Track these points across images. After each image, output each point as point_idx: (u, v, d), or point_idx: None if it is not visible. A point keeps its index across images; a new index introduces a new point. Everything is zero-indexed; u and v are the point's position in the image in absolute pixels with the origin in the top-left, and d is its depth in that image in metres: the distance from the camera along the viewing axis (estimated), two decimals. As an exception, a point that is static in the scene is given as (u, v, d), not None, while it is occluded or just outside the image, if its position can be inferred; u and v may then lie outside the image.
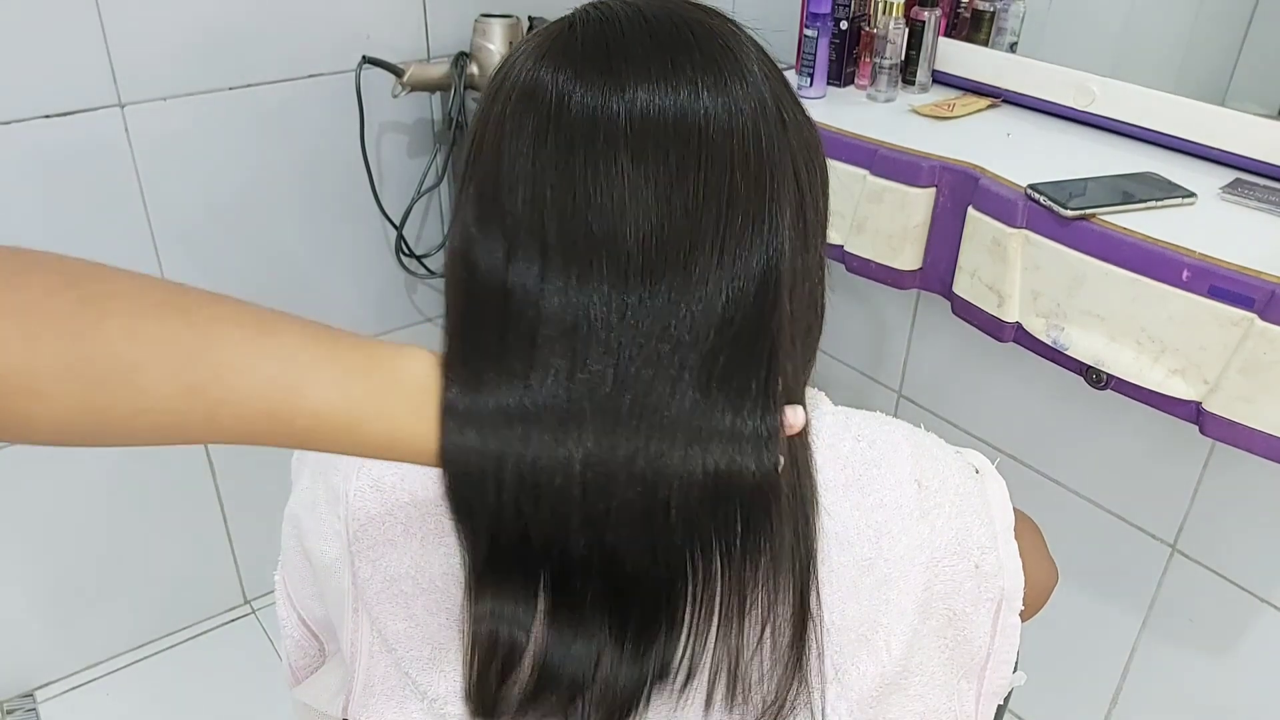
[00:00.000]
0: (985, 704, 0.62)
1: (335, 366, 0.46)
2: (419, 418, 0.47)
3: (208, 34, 1.42)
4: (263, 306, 0.47)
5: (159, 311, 0.43)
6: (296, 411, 0.45)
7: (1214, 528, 1.22)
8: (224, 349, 0.44)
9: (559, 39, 0.51)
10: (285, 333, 0.46)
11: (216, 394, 0.43)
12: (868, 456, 0.58)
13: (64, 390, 0.41)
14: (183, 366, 0.43)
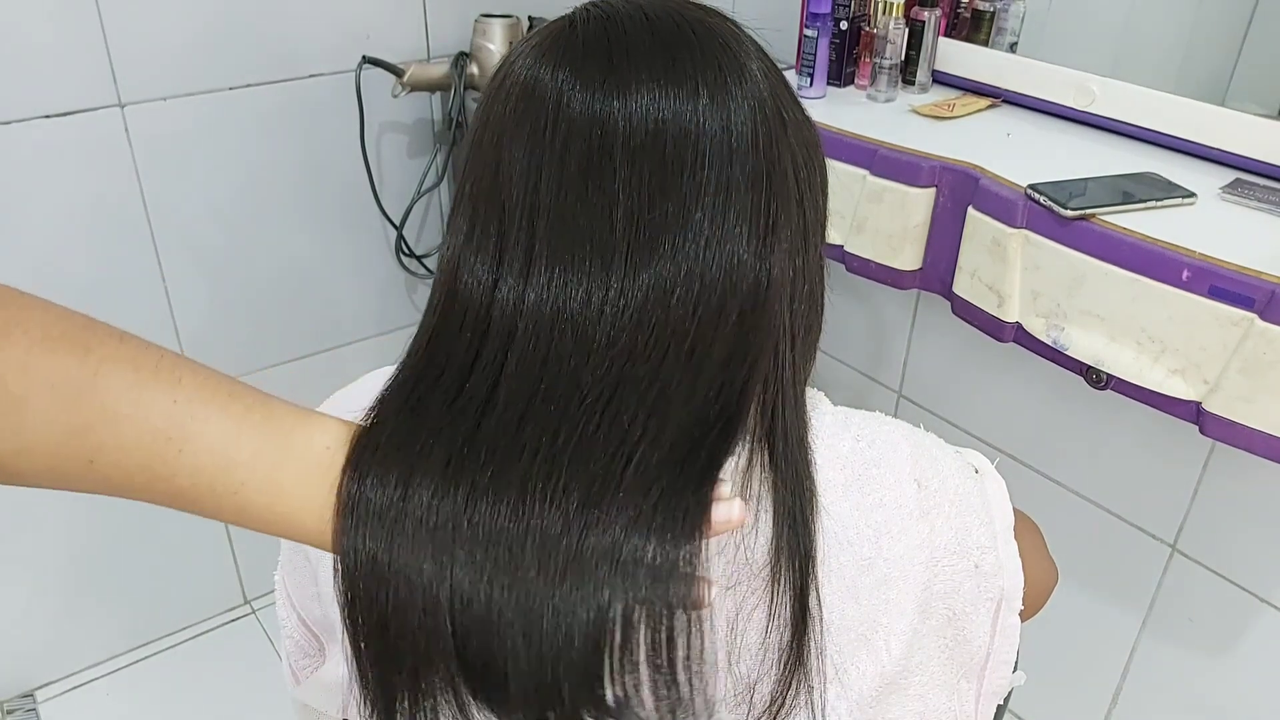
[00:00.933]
0: (985, 704, 0.62)
1: (224, 425, 0.43)
2: (308, 496, 0.44)
3: (208, 34, 1.42)
4: (172, 353, 0.44)
5: (54, 345, 0.41)
6: (176, 468, 0.42)
7: (1214, 528, 1.22)
8: (110, 392, 0.41)
9: (559, 37, 0.51)
10: (180, 383, 0.43)
11: (96, 439, 0.41)
12: (867, 456, 0.58)
13: None
14: (64, 406, 0.41)
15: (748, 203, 0.49)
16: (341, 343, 1.76)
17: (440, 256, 0.52)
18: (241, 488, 0.43)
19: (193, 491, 0.43)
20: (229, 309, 1.60)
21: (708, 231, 0.48)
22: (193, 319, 1.57)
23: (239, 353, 1.63)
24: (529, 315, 0.47)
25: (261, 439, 0.44)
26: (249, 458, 0.43)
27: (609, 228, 0.47)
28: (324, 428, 0.46)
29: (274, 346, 1.68)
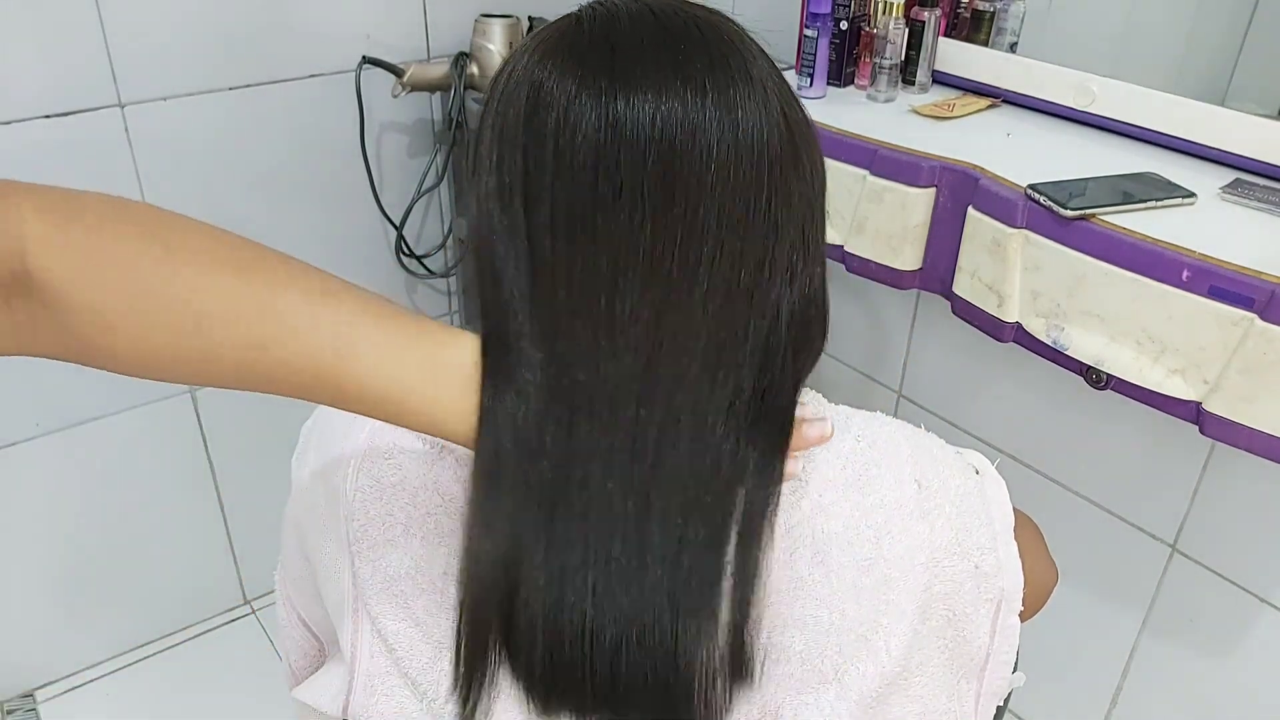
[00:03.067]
0: (985, 704, 0.62)
1: (386, 338, 0.49)
2: (460, 398, 0.50)
3: (208, 34, 1.42)
4: (325, 273, 0.50)
5: (225, 269, 0.46)
6: (346, 376, 0.48)
7: (1214, 528, 1.22)
8: (284, 310, 0.47)
9: (565, 35, 0.51)
10: (344, 300, 0.49)
11: (274, 352, 0.47)
12: (868, 457, 0.57)
13: (138, 332, 0.45)
14: (245, 323, 0.46)
15: (754, 203, 0.49)
16: (341, 343, 1.76)
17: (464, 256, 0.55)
18: (406, 396, 0.49)
19: (360, 398, 0.49)
20: (229, 309, 1.61)
21: (714, 233, 0.48)
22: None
23: (239, 353, 1.63)
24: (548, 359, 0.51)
25: (420, 353, 0.49)
26: (413, 369, 0.49)
27: (616, 225, 0.48)
28: (466, 343, 0.51)
29: (274, 346, 1.68)
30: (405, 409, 0.49)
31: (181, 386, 1.58)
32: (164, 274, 0.45)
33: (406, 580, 0.58)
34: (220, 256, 0.47)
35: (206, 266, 0.46)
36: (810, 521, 0.54)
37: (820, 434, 0.54)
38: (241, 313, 0.46)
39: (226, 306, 0.46)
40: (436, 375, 0.50)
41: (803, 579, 0.54)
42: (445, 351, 0.50)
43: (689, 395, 0.50)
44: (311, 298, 0.48)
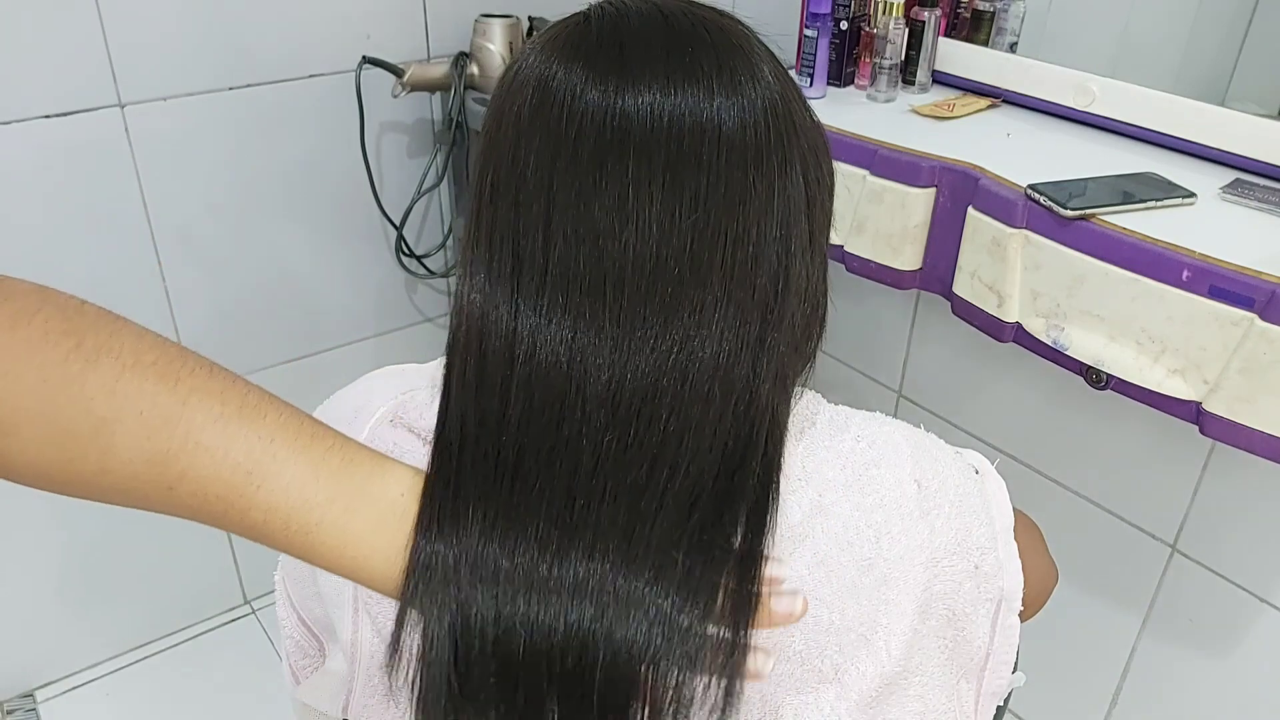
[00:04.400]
0: (985, 704, 0.62)
1: (303, 465, 0.44)
2: (380, 543, 0.45)
3: (208, 34, 1.42)
4: (259, 389, 0.45)
5: (145, 373, 0.43)
6: (251, 502, 0.43)
7: (1214, 528, 1.22)
8: (195, 423, 0.43)
9: (574, 33, 0.51)
10: (264, 419, 0.44)
11: (178, 468, 0.43)
12: (868, 457, 0.57)
13: (37, 434, 0.41)
14: (151, 432, 0.42)
15: (759, 204, 0.49)
16: (341, 343, 1.76)
17: (460, 267, 0.53)
18: (316, 528, 0.44)
19: (265, 527, 0.44)
20: (229, 309, 1.60)
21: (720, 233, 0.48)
22: (192, 319, 1.57)
23: (239, 353, 1.63)
24: (547, 356, 0.48)
25: (338, 482, 0.45)
26: (325, 499, 0.44)
27: (623, 224, 0.48)
28: (397, 475, 0.47)
29: (274, 346, 1.68)
30: (314, 542, 0.44)
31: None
32: (73, 372, 0.41)
33: (406, 580, 0.57)
34: (142, 360, 0.43)
35: (123, 369, 0.42)
36: (810, 521, 0.54)
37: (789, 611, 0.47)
38: (147, 421, 0.42)
39: (133, 414, 0.42)
40: (358, 508, 0.45)
41: (802, 579, 0.54)
42: (372, 483, 0.46)
43: (697, 407, 0.49)
44: (228, 410, 0.43)
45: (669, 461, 0.48)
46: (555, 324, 0.48)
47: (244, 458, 0.43)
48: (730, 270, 0.49)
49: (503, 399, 0.49)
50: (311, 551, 0.45)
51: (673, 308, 0.48)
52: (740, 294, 0.49)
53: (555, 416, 0.48)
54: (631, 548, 0.46)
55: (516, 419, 0.48)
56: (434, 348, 2.01)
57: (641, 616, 0.45)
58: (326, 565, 0.46)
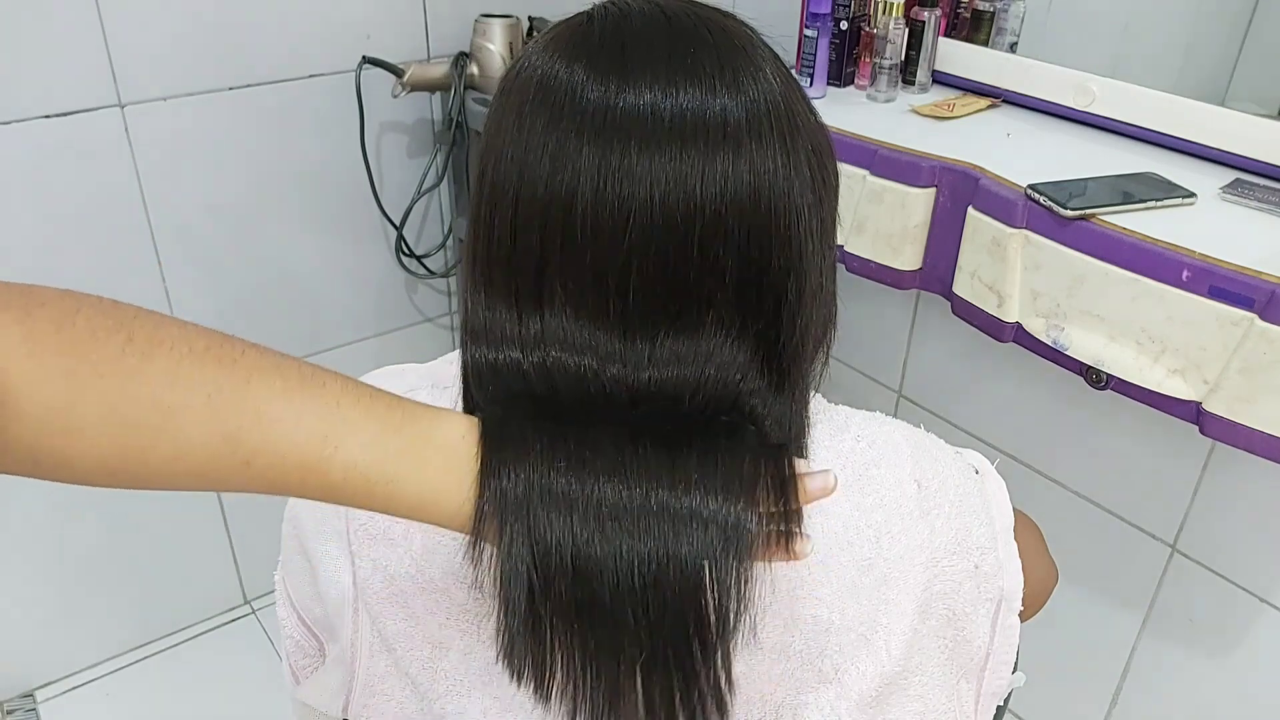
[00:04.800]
0: (985, 704, 0.62)
1: (372, 423, 0.46)
2: (451, 483, 0.47)
3: (208, 34, 1.42)
4: (305, 361, 0.47)
5: (202, 358, 0.44)
6: (331, 465, 0.45)
7: (1214, 528, 1.22)
8: (263, 399, 0.44)
9: (576, 33, 0.52)
10: (325, 387, 0.46)
11: (253, 443, 0.44)
12: (868, 457, 0.57)
13: (103, 431, 0.42)
14: (221, 414, 0.43)
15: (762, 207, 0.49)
16: (341, 343, 1.76)
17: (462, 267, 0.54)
18: (395, 479, 0.46)
19: (347, 485, 0.46)
20: (229, 309, 1.60)
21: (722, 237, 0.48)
22: (192, 319, 1.55)
23: (239, 353, 1.63)
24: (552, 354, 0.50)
25: (407, 435, 0.47)
26: (397, 452, 0.46)
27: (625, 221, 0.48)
28: (454, 421, 0.49)
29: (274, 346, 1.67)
30: (395, 495, 0.47)
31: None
32: (131, 366, 0.42)
33: (407, 579, 0.58)
34: (195, 347, 0.44)
35: (180, 358, 0.43)
36: (809, 521, 0.54)
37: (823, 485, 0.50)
38: (215, 404, 0.43)
39: (200, 398, 0.43)
40: (428, 455, 0.47)
41: (803, 578, 0.54)
42: (436, 430, 0.48)
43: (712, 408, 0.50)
44: (290, 384, 0.45)
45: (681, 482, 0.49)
46: (558, 325, 0.49)
47: (316, 424, 0.45)
48: (736, 273, 0.49)
49: (520, 397, 0.50)
50: (391, 501, 0.47)
51: (678, 310, 0.48)
52: (748, 295, 0.49)
53: (580, 420, 0.49)
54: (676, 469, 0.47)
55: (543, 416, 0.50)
56: (434, 348, 2.02)
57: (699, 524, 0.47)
58: (406, 512, 0.47)
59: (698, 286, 0.48)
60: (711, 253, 0.48)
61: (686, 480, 0.47)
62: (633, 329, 0.49)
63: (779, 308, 0.50)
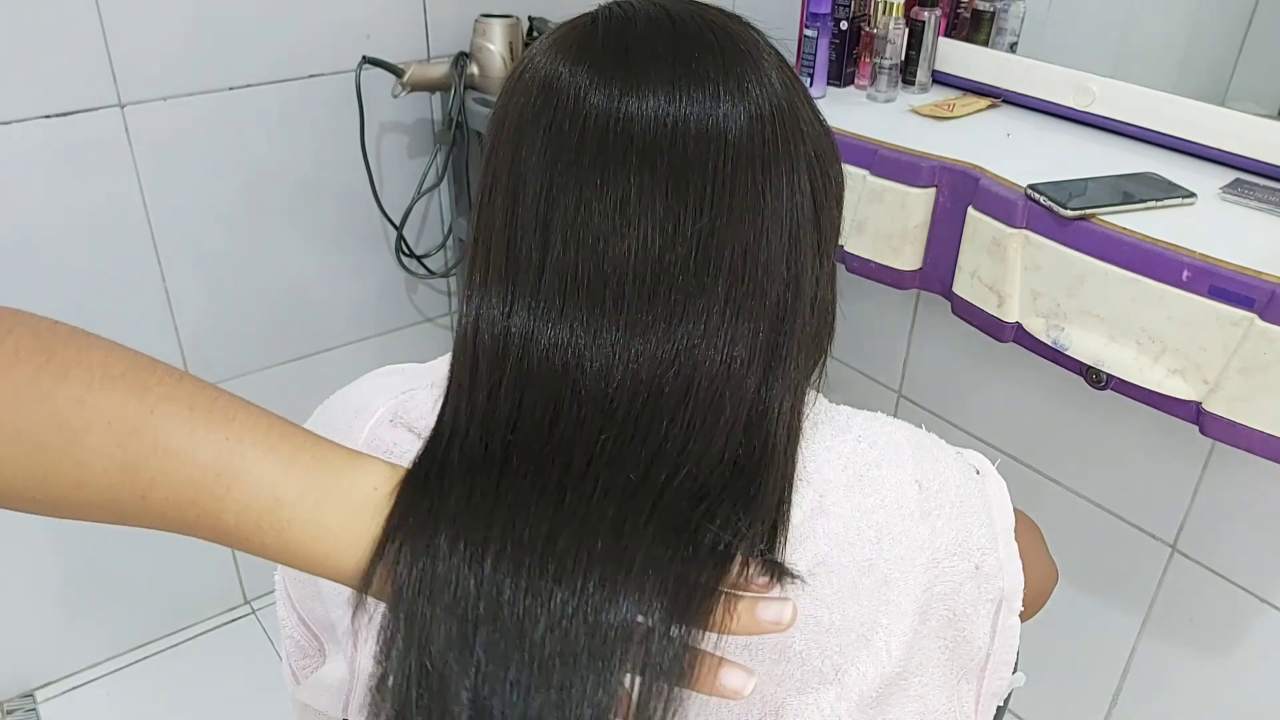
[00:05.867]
0: (985, 704, 0.62)
1: (273, 464, 0.44)
2: (348, 541, 0.44)
3: (208, 34, 1.42)
4: (231, 394, 0.45)
5: (114, 384, 0.43)
6: (224, 504, 0.43)
7: (1214, 528, 1.22)
8: (164, 429, 0.43)
9: (580, 35, 0.51)
10: (233, 421, 0.44)
11: (148, 474, 0.42)
12: (869, 457, 0.57)
13: (10, 453, 0.41)
14: (121, 441, 0.42)
15: (763, 211, 0.49)
16: (341, 343, 1.76)
17: (463, 273, 0.53)
18: (288, 526, 0.44)
19: (239, 530, 0.44)
20: (229, 309, 1.60)
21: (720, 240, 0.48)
22: (192, 319, 1.57)
23: (239, 353, 1.63)
24: (539, 356, 0.48)
25: (309, 478, 0.44)
26: (295, 496, 0.44)
27: (624, 228, 0.48)
28: (371, 469, 0.46)
29: (274, 346, 1.68)
30: (287, 540, 0.44)
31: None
32: (43, 387, 0.41)
33: (407, 580, 0.57)
34: (111, 372, 0.43)
35: (92, 381, 0.42)
36: (810, 522, 0.54)
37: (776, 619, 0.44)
38: (116, 430, 0.42)
39: (102, 424, 0.42)
40: (330, 503, 0.44)
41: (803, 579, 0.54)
42: (344, 478, 0.45)
43: (703, 414, 0.49)
44: (196, 415, 0.43)
45: (669, 465, 0.47)
46: (550, 325, 0.48)
47: (213, 459, 0.43)
48: (736, 278, 0.49)
49: (491, 396, 0.49)
50: (284, 550, 0.44)
51: (675, 314, 0.48)
52: (748, 302, 0.49)
53: (548, 416, 0.48)
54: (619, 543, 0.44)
55: (505, 416, 0.48)
56: (434, 348, 2.01)
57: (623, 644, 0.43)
58: (300, 564, 0.45)
59: (694, 291, 0.48)
60: (708, 257, 0.48)
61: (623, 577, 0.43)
62: (626, 329, 0.48)
63: (773, 315, 0.50)
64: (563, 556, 0.44)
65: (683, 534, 0.45)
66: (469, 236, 0.53)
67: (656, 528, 0.45)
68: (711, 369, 0.49)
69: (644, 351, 0.48)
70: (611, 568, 0.44)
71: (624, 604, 0.43)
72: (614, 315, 0.48)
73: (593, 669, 0.42)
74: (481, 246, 0.51)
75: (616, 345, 0.48)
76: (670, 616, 0.43)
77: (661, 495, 0.46)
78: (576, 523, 0.45)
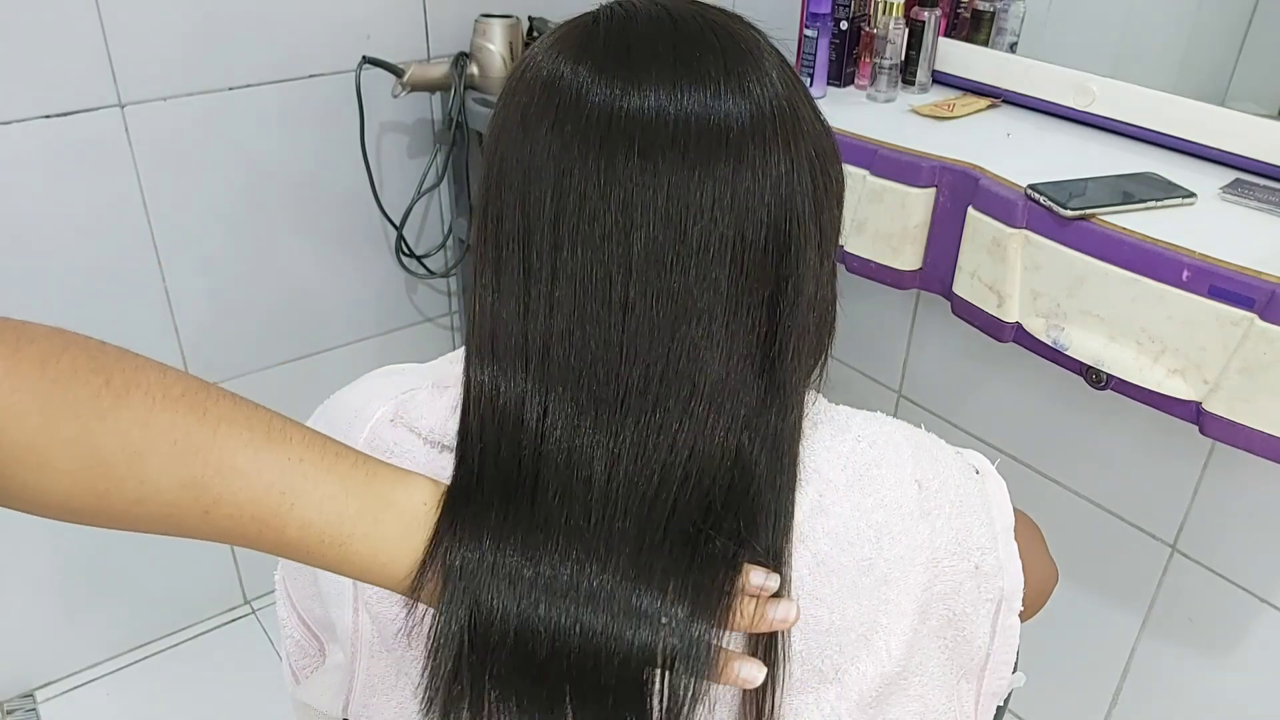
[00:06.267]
0: (985, 704, 0.62)
1: (332, 481, 0.46)
2: (405, 550, 0.48)
3: (208, 34, 1.42)
4: (278, 414, 0.47)
5: (174, 405, 0.44)
6: (287, 520, 0.45)
7: (1214, 528, 1.22)
8: (227, 449, 0.45)
9: (581, 34, 0.52)
10: (290, 442, 0.46)
11: (213, 492, 0.44)
12: (868, 457, 0.57)
13: (72, 469, 0.42)
14: (185, 460, 0.44)
15: (762, 211, 0.49)
16: (341, 343, 1.76)
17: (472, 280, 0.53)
18: (349, 539, 0.47)
19: (301, 543, 0.46)
20: (229, 309, 1.60)
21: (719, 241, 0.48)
22: (193, 319, 1.57)
23: (239, 353, 1.63)
24: (560, 360, 0.49)
25: (366, 496, 0.47)
26: (355, 513, 0.47)
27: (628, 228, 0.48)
28: (420, 486, 0.49)
29: (274, 346, 1.68)
30: (348, 557, 0.47)
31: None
32: (105, 407, 0.43)
33: (407, 580, 0.57)
34: (170, 393, 0.45)
35: (153, 403, 0.44)
36: (810, 522, 0.54)
37: (784, 617, 0.50)
38: (181, 450, 0.44)
39: (167, 443, 0.44)
40: (386, 519, 0.47)
41: (802, 579, 0.54)
42: (396, 494, 0.48)
43: (707, 414, 0.50)
44: (256, 436, 0.46)
45: (679, 470, 0.49)
46: (563, 325, 0.49)
47: (277, 478, 0.45)
48: (737, 277, 0.49)
49: (519, 403, 0.50)
50: (345, 563, 0.47)
51: (678, 314, 0.48)
52: (748, 301, 0.49)
53: (571, 422, 0.49)
54: (642, 558, 0.48)
55: (535, 424, 0.49)
56: (434, 348, 2.02)
57: (650, 625, 0.47)
58: (358, 574, 0.48)
59: (697, 291, 0.48)
60: (709, 256, 0.48)
61: (647, 579, 0.48)
62: (634, 329, 0.49)
63: (774, 314, 0.50)
64: (592, 576, 0.48)
65: (696, 545, 0.49)
66: (473, 235, 0.53)
67: (672, 541, 0.49)
68: (713, 367, 0.49)
69: (649, 351, 0.48)
70: (637, 575, 0.48)
71: (654, 606, 0.47)
72: (620, 315, 0.48)
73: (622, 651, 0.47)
74: (491, 246, 0.51)
75: (624, 345, 0.48)
76: (692, 616, 0.47)
77: (674, 510, 0.49)
78: (601, 544, 0.48)
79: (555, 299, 0.49)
